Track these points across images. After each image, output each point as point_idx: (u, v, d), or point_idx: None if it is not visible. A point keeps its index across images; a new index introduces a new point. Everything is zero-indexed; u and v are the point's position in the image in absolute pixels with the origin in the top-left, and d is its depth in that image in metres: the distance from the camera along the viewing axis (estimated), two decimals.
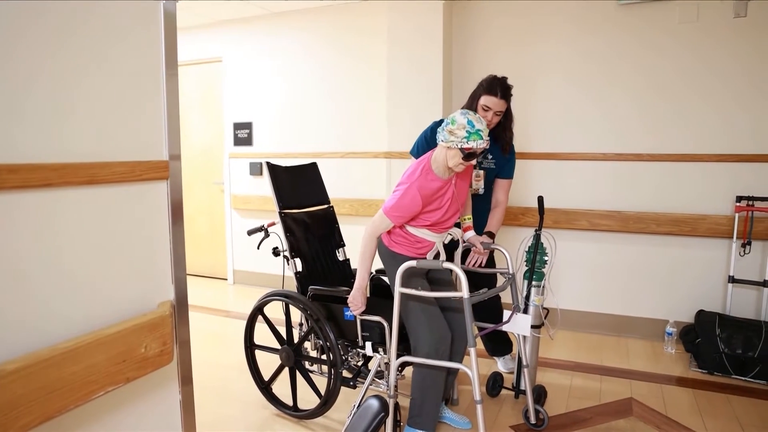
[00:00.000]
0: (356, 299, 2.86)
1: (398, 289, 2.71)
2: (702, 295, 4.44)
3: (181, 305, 1.91)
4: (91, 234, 1.56)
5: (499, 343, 3.94)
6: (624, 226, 4.59)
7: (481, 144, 2.62)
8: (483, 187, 3.47)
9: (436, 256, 2.94)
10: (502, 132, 3.45)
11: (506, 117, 3.41)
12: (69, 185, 1.50)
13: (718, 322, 3.94)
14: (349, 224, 5.58)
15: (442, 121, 3.43)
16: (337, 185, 5.71)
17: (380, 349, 2.98)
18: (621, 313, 4.74)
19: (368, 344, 2.99)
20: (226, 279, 6.81)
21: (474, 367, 2.52)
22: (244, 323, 3.49)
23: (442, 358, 2.76)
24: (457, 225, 3.22)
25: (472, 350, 2.53)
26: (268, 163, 3.37)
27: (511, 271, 3.01)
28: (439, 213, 2.82)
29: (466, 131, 2.61)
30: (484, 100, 3.27)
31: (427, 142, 3.40)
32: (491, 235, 3.37)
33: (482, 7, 4.96)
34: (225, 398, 3.60)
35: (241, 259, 6.59)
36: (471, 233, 3.20)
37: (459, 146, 2.63)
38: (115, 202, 1.64)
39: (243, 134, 6.37)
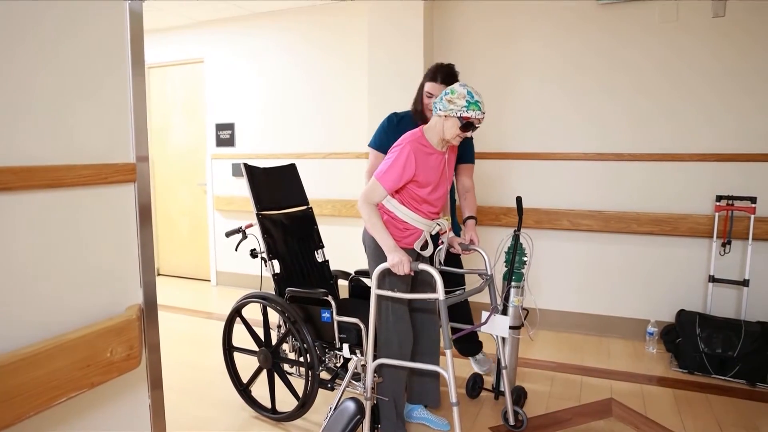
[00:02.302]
0: (401, 262, 2.59)
1: (374, 291, 2.70)
2: (683, 295, 4.46)
3: (150, 308, 1.88)
4: (54, 238, 1.54)
5: (466, 343, 3.93)
6: (605, 226, 4.60)
7: (479, 115, 2.62)
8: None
9: (424, 246, 2.90)
10: None
11: None
12: (31, 189, 1.47)
13: (698, 322, 3.95)
14: (332, 225, 5.59)
15: (396, 113, 3.46)
16: (319, 186, 5.70)
17: (357, 351, 2.97)
18: (603, 313, 4.75)
19: (345, 346, 2.98)
20: (209, 280, 6.77)
21: (450, 368, 2.51)
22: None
23: (401, 359, 2.80)
24: None
25: (448, 352, 2.52)
26: (245, 164, 3.35)
27: (489, 272, 3.00)
28: (429, 188, 2.77)
29: (466, 101, 2.61)
30: (428, 87, 3.27)
31: (385, 132, 3.41)
32: (474, 219, 3.31)
33: (463, 7, 4.96)
34: (204, 400, 3.57)
35: (224, 261, 6.55)
36: (450, 234, 3.17)
37: (458, 115, 2.61)
38: (81, 205, 1.61)
39: (225, 135, 6.33)
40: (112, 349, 1.64)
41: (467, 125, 2.63)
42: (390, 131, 3.34)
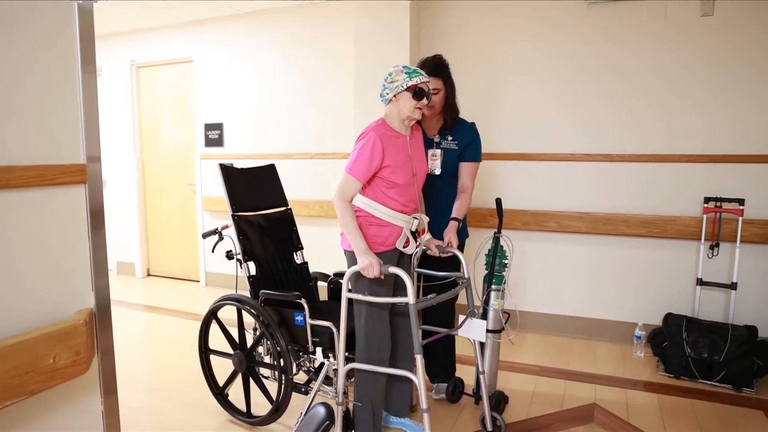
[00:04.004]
0: (371, 264, 2.55)
1: (345, 294, 2.65)
2: (671, 298, 4.40)
3: (102, 312, 1.84)
4: None
5: (431, 365, 3.58)
6: (593, 228, 4.54)
7: (423, 79, 2.68)
8: (440, 167, 3.29)
9: (406, 244, 2.81)
10: (447, 109, 3.32)
11: (446, 92, 3.30)
12: None
13: (685, 326, 3.89)
14: (319, 225, 5.55)
15: None
16: (307, 186, 5.66)
17: (330, 355, 2.92)
18: (590, 316, 4.69)
19: (319, 350, 2.93)
20: (199, 281, 6.73)
21: (420, 374, 2.47)
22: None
23: (380, 364, 2.74)
24: None
25: (418, 357, 2.47)
26: (221, 164, 3.31)
27: (466, 275, 2.95)
28: (402, 173, 2.71)
29: (405, 73, 2.68)
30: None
31: None
32: (457, 221, 3.19)
33: (450, 7, 4.91)
34: (181, 402, 3.53)
35: (213, 262, 6.51)
36: (428, 235, 3.08)
37: (405, 87, 2.65)
38: (22, 208, 1.57)
39: (214, 135, 6.29)
40: (56, 355, 1.59)
41: (418, 92, 2.67)
42: None
